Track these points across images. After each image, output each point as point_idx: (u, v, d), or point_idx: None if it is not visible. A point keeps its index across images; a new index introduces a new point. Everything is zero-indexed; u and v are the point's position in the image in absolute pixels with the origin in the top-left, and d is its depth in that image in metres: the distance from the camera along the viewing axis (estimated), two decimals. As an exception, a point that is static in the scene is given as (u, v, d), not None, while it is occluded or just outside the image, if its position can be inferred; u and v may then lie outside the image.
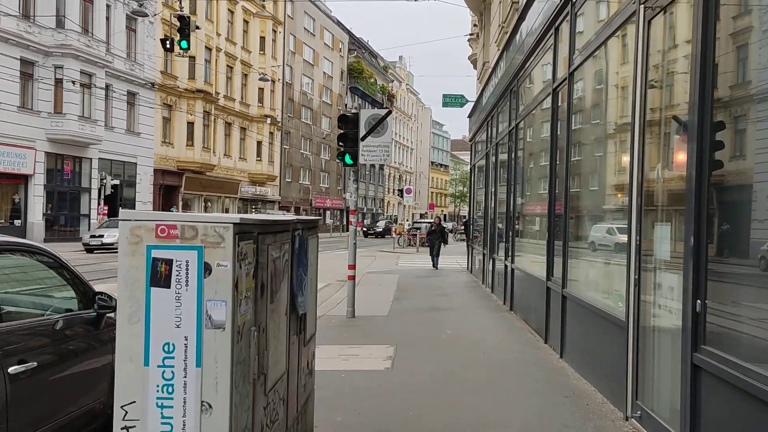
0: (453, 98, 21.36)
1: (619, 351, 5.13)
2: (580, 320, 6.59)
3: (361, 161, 10.01)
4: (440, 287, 15.33)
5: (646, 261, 4.77)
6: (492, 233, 14.28)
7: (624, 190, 5.86)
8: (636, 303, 4.82)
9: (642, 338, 4.78)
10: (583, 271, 7.11)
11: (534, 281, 9.00)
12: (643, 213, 4.80)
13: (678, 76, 4.54)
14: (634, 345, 4.83)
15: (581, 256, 7.26)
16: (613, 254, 6.16)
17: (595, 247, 6.73)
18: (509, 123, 11.68)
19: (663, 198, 4.67)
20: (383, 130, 9.87)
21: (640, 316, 4.81)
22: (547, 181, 8.52)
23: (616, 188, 6.29)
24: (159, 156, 37.75)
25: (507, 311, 11.18)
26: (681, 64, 4.40)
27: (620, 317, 5.17)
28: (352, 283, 10.46)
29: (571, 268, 7.15)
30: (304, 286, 3.74)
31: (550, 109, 8.07)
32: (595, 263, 6.79)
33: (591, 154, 7.19)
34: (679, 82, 4.47)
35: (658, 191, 4.71)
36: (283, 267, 3.32)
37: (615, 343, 5.29)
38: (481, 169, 17.33)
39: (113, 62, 33.17)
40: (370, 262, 24.03)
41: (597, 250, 6.73)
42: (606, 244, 6.48)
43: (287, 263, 3.45)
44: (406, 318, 10.40)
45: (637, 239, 4.81)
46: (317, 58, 62.28)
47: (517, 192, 11.10)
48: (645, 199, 4.78)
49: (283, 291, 3.38)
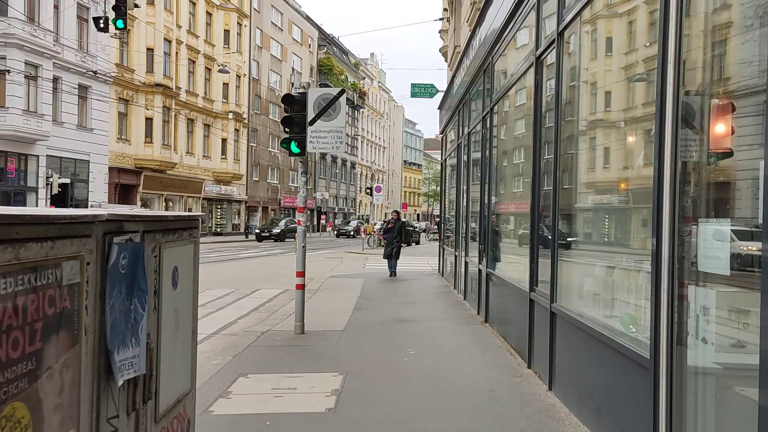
0: (422, 88, 19.75)
1: (641, 399, 3.67)
2: (575, 346, 5.13)
3: (310, 149, 8.45)
4: (408, 293, 13.83)
5: (683, 273, 3.31)
6: (465, 233, 12.82)
7: (634, 181, 4.42)
8: (669, 333, 3.35)
9: (679, 383, 3.32)
10: (577, 281, 5.66)
11: (514, 291, 7.54)
12: (677, 207, 3.33)
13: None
14: (667, 394, 3.35)
15: (575, 263, 5.81)
16: (622, 260, 4.71)
17: (595, 252, 5.30)
18: (483, 108, 10.22)
19: (706, 185, 3.23)
20: (335, 113, 8.33)
21: (674, 351, 3.34)
22: (529, 172, 7.09)
23: (622, 178, 4.84)
24: (115, 153, 35.69)
25: (481, 323, 9.71)
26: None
27: (641, 352, 3.71)
28: (301, 294, 8.89)
29: (562, 276, 5.69)
30: (139, 330, 2.18)
31: (533, 84, 6.61)
32: (595, 271, 5.33)
33: (591, 136, 5.73)
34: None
35: (702, 175, 3.25)
36: (74, 304, 1.78)
37: (633, 387, 3.83)
38: (452, 164, 15.86)
39: (62, 53, 31.10)
40: (336, 264, 22.46)
41: (598, 254, 5.29)
42: (612, 246, 5.04)
43: (98, 293, 1.91)
44: (364, 334, 8.88)
45: (671, 244, 3.33)
46: (285, 54, 60.43)
47: (492, 187, 9.65)
48: (679, 190, 3.32)
49: (87, 343, 1.84)
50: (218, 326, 9.84)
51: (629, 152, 4.73)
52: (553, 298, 5.66)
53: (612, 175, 4.98)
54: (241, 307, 12.06)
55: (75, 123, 32.67)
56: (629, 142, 4.73)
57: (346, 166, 77.89)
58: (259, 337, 8.50)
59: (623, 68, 4.94)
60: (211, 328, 9.69)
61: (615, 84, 5.03)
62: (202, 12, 44.75)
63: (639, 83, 4.56)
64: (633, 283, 4.49)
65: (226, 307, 12.06)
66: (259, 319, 10.44)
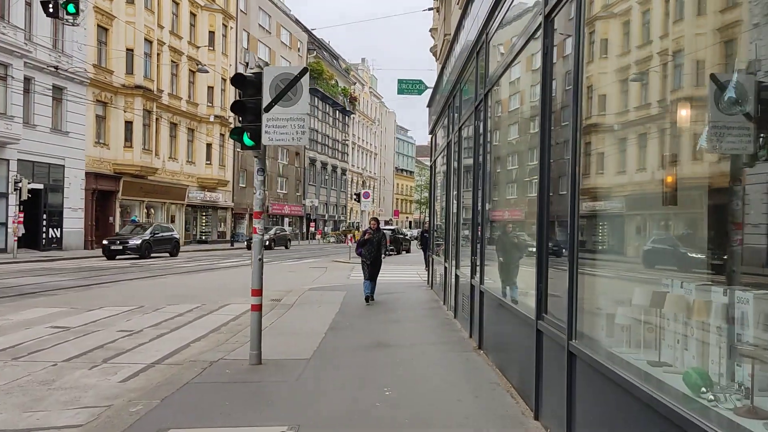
0: (410, 84, 18.19)
1: None
2: (608, 404, 3.66)
3: (266, 141, 6.94)
4: (392, 310, 12.33)
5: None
6: (455, 241, 11.35)
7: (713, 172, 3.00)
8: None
9: None
10: (606, 308, 4.17)
11: (516, 316, 6.06)
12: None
13: None
14: None
15: (604, 283, 4.35)
16: (678, 283, 3.24)
17: (633, 269, 3.82)
18: (476, 97, 8.77)
19: None
20: (296, 97, 6.85)
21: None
22: (533, 169, 5.65)
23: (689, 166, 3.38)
24: (92, 158, 34.09)
25: (474, 350, 8.23)
26: None
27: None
28: (257, 317, 7.37)
29: (585, 301, 4.21)
30: None
31: (542, 50, 5.15)
32: (634, 297, 3.83)
33: (622, 120, 4.27)
34: None
35: None
36: None
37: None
38: (441, 165, 14.40)
39: (35, 52, 29.56)
40: (318, 275, 20.93)
41: (638, 272, 3.83)
42: (663, 262, 3.58)
43: None
44: (333, 365, 7.38)
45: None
46: (274, 57, 58.95)
47: (486, 189, 8.19)
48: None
49: None
50: (164, 353, 8.32)
51: (695, 137, 3.26)
52: (572, 333, 4.18)
53: (683, 169, 3.42)
54: (200, 326, 10.54)
55: (49, 126, 31.11)
56: (698, 119, 3.28)
57: (336, 172, 76.39)
58: (205, 370, 6.98)
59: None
60: (154, 355, 8.17)
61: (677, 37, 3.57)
62: (185, 12, 43.27)
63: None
64: (700, 316, 3.03)
65: (184, 326, 10.53)
66: (216, 343, 8.93)
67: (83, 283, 17.18)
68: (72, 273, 20.44)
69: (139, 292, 15.22)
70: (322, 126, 70.83)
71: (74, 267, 23.11)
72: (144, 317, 11.34)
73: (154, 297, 14.23)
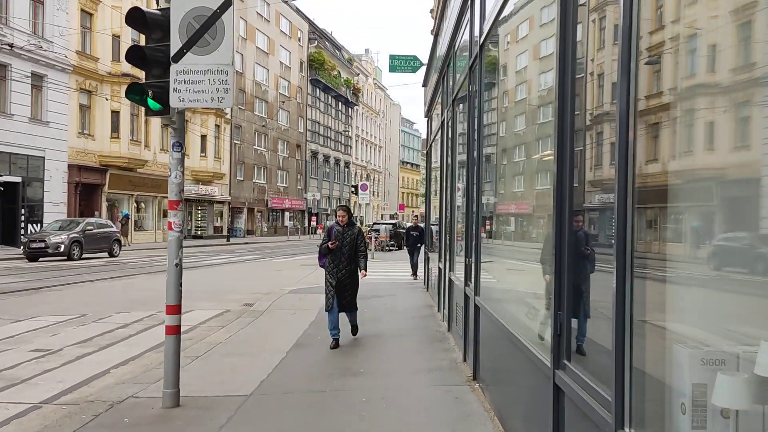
0: (403, 60, 16.06)
1: None
2: None
3: (175, 103, 5.03)
4: (376, 319, 10.41)
5: None
6: (450, 238, 9.43)
7: None
8: None
9: None
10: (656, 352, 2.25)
11: (521, 353, 4.14)
12: None
13: None
14: None
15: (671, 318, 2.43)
16: None
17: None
18: (470, 54, 6.83)
19: None
20: (216, 40, 4.95)
21: None
22: (547, 150, 3.78)
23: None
24: (75, 150, 32.31)
25: (467, 381, 6.31)
26: None
27: None
28: (174, 342, 5.48)
29: (641, 356, 2.30)
30: None
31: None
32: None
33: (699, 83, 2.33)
34: None
35: None
36: None
37: None
38: (436, 149, 12.44)
39: (12, 37, 27.75)
40: (306, 275, 19.02)
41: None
42: None
43: None
44: (279, 407, 5.50)
45: None
46: (273, 47, 57.02)
47: (485, 175, 6.27)
48: None
49: None
50: (67, 384, 6.46)
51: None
52: (623, 416, 2.26)
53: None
54: (138, 343, 8.68)
55: (27, 115, 29.32)
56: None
57: (339, 165, 74.48)
58: (95, 418, 5.10)
59: None
60: (52, 388, 6.30)
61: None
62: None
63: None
64: None
65: (118, 343, 8.67)
66: (144, 368, 7.06)
67: (35, 285, 15.33)
68: (34, 273, 18.63)
69: (94, 297, 13.36)
70: (324, 118, 68.90)
71: (40, 267, 21.28)
72: (77, 330, 9.50)
73: (107, 303, 12.39)
